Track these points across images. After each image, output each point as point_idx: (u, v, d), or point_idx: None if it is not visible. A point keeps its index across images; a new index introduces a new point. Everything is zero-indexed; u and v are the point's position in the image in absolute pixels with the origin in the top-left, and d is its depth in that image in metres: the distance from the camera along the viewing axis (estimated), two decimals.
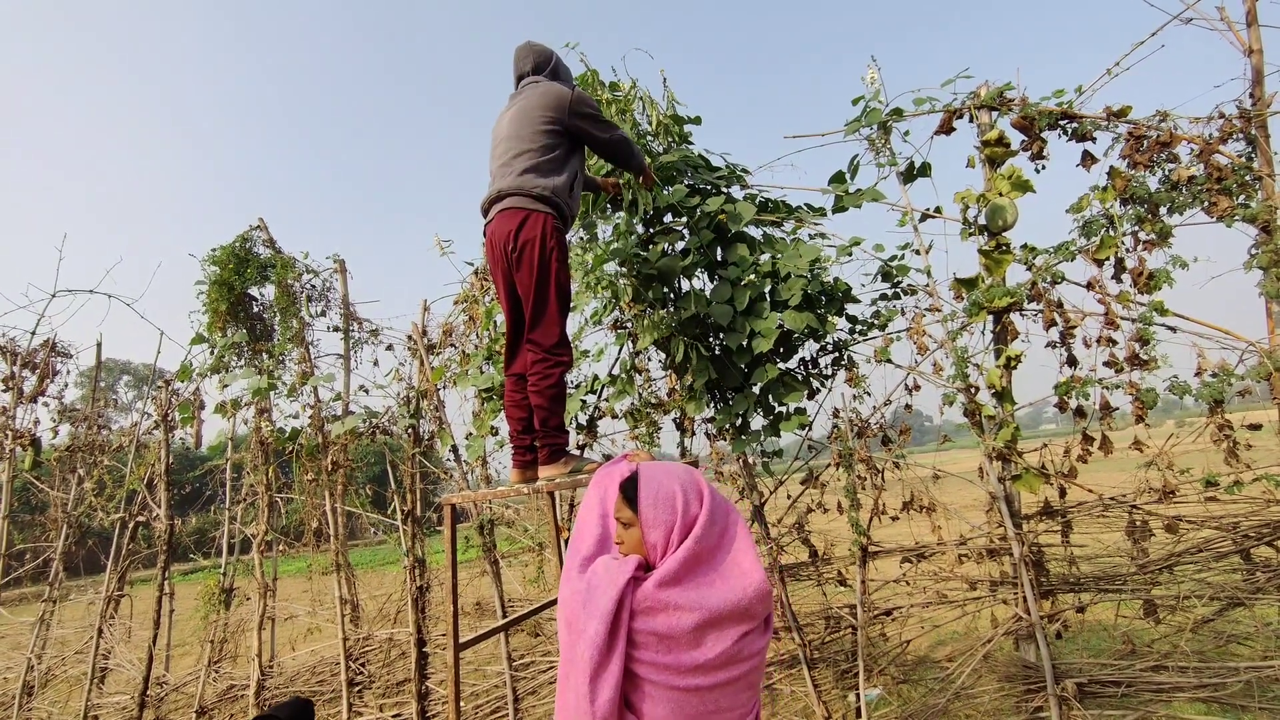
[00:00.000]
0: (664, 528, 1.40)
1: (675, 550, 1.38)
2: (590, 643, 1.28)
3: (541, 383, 2.22)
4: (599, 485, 1.83)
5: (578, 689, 1.29)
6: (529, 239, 2.21)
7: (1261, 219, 2.49)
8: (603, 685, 1.27)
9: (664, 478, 1.45)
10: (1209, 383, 2.45)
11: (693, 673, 1.29)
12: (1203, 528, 2.50)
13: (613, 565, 1.40)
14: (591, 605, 1.32)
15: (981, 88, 3.10)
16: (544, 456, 2.23)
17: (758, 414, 3.14)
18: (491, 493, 2.27)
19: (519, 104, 2.38)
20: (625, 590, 1.32)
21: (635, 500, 1.44)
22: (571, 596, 1.38)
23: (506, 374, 2.43)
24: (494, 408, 3.91)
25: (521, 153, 2.29)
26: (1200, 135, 2.72)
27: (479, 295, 4.37)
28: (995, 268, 2.83)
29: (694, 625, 1.29)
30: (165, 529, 5.31)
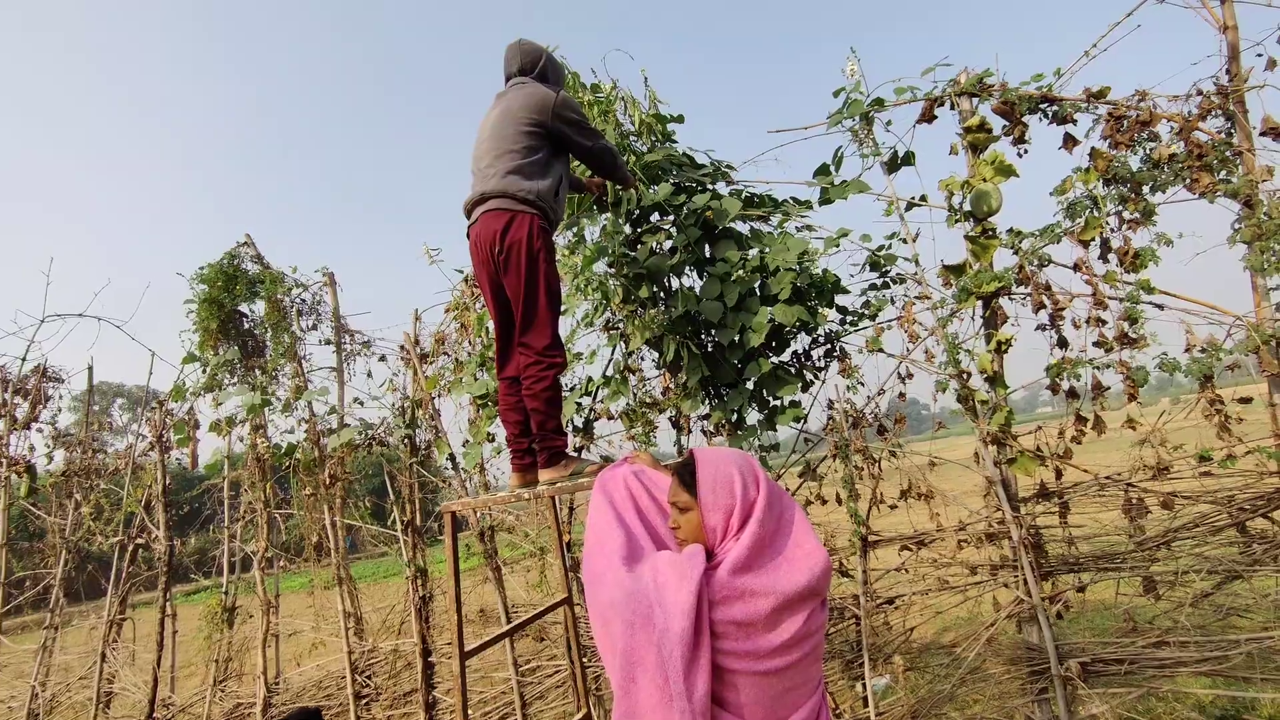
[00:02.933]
0: (723, 511, 1.42)
1: (737, 534, 1.41)
2: (679, 639, 1.29)
3: (535, 385, 2.21)
4: (604, 488, 1.83)
5: (661, 688, 1.30)
6: (515, 240, 2.21)
7: (1244, 193, 2.51)
8: (698, 680, 1.28)
9: (720, 461, 1.47)
10: (1198, 358, 2.46)
11: (771, 656, 1.32)
12: (1198, 503, 2.52)
13: (680, 560, 1.41)
14: (668, 602, 1.33)
15: (961, 75, 3.11)
16: (543, 460, 2.23)
17: (753, 409, 3.15)
18: (491, 499, 2.27)
19: (503, 105, 2.38)
20: (701, 582, 1.33)
21: (694, 484, 1.46)
22: (628, 597, 1.37)
23: (499, 378, 2.43)
24: (490, 414, 3.90)
25: (504, 153, 2.28)
26: (1179, 113, 2.73)
27: (470, 302, 4.37)
28: (982, 253, 2.84)
29: (770, 610, 1.32)
30: (165, 550, 5.29)
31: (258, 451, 4.70)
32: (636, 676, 1.37)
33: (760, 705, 1.34)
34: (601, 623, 1.46)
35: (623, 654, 1.38)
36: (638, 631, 1.36)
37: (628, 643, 1.37)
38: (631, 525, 1.72)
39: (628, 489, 1.85)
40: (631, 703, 1.37)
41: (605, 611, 1.44)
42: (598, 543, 1.65)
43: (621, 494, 1.84)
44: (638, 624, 1.36)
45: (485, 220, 2.24)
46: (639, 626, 1.36)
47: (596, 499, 1.81)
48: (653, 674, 1.34)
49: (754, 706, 1.33)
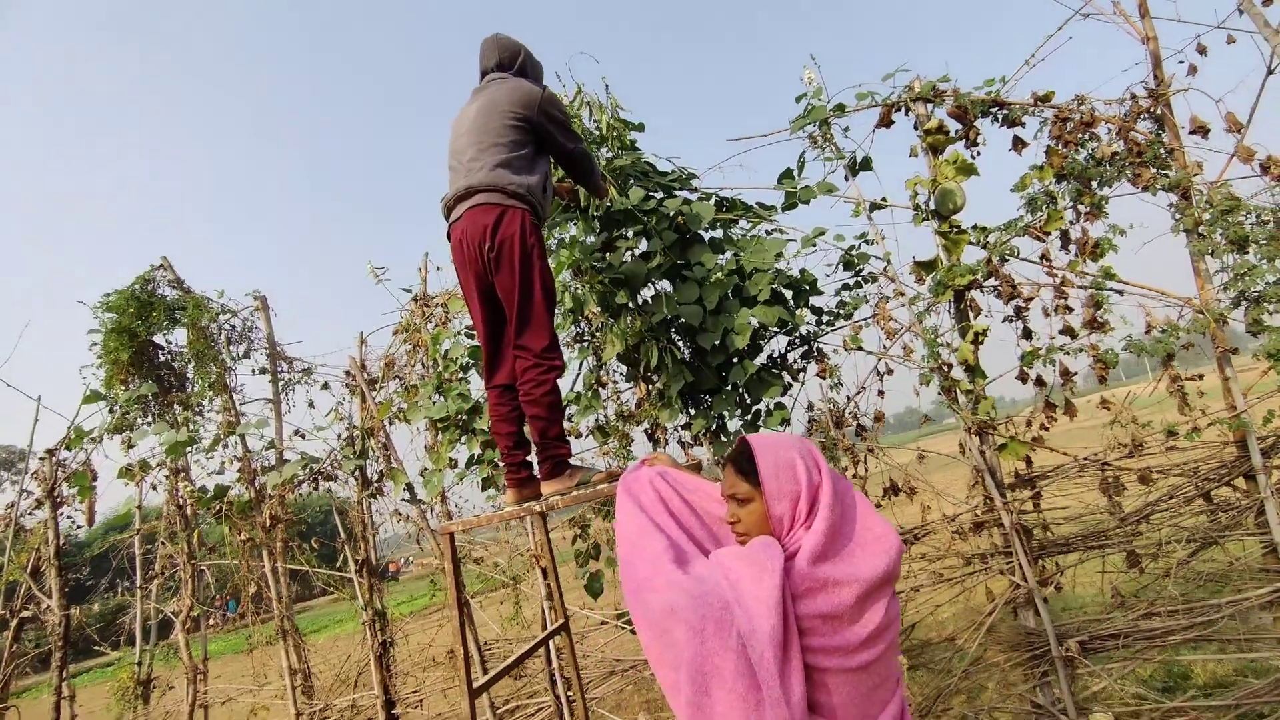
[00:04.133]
0: (789, 499, 1.31)
1: (806, 522, 1.30)
2: (770, 638, 1.15)
3: (536, 390, 2.06)
4: (629, 492, 1.69)
5: (744, 698, 1.16)
6: (507, 236, 2.06)
7: (1183, 186, 2.71)
8: (794, 681, 1.16)
9: (779, 446, 1.37)
10: (1159, 338, 2.61)
11: (859, 650, 1.21)
12: (1169, 475, 2.64)
13: (752, 553, 1.28)
14: (748, 599, 1.20)
15: (915, 82, 3.24)
16: (546, 471, 2.06)
17: (735, 414, 3.09)
18: (494, 515, 2.07)
19: (485, 98, 2.25)
20: (783, 574, 1.21)
21: (754, 472, 1.34)
22: (694, 600, 1.23)
23: (488, 387, 2.25)
24: (451, 437, 3.66)
25: (489, 146, 2.15)
26: (1116, 115, 2.94)
27: (421, 323, 4.12)
28: (954, 248, 2.93)
29: (855, 600, 1.21)
30: (59, 622, 4.62)
31: (178, 498, 4.20)
32: (711, 689, 1.23)
33: (853, 705, 1.23)
34: (657, 633, 1.32)
35: (691, 665, 1.24)
36: (709, 638, 1.23)
37: (697, 651, 1.23)
38: (668, 528, 1.59)
39: (655, 491, 1.72)
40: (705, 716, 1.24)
41: (663, 620, 1.30)
42: (634, 549, 1.51)
43: (649, 496, 1.71)
44: (709, 629, 1.23)
45: (473, 215, 2.09)
46: (710, 632, 1.23)
47: (623, 504, 1.67)
48: (731, 683, 1.21)
49: (847, 707, 1.23)
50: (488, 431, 3.67)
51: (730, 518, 1.41)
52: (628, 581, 1.44)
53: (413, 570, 18.80)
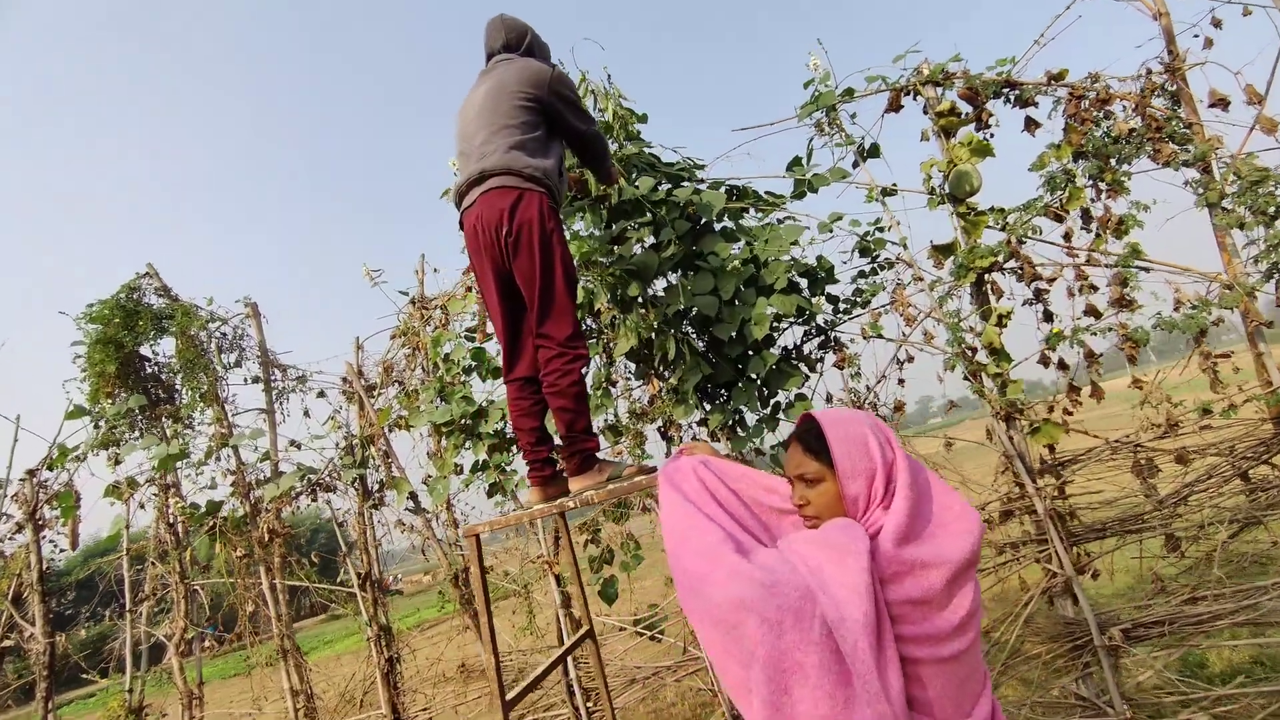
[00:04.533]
0: (864, 477, 1.21)
1: (884, 502, 1.20)
2: (864, 627, 1.05)
3: (561, 380, 1.94)
4: (672, 483, 1.58)
5: (831, 695, 1.05)
6: (526, 220, 1.96)
7: (1205, 159, 2.66)
8: (891, 674, 1.06)
9: (849, 422, 1.26)
10: (1190, 314, 2.55)
11: (950, 638, 1.11)
12: (1205, 455, 2.57)
13: (830, 536, 1.17)
14: (833, 585, 1.09)
15: (924, 65, 3.19)
16: (574, 466, 1.94)
17: (755, 408, 2.99)
18: (524, 514, 1.95)
19: (493, 80, 2.14)
20: (869, 558, 1.10)
21: (824, 450, 1.24)
22: (766, 590, 1.11)
23: (507, 381, 2.13)
24: (456, 442, 3.53)
25: (501, 128, 2.04)
26: (1131, 92, 2.90)
27: (419, 326, 3.99)
28: (973, 229, 2.86)
29: (945, 583, 1.11)
30: (44, 650, 4.40)
31: (168, 515, 4.02)
32: (791, 687, 1.12)
33: (948, 698, 1.13)
34: (724, 629, 1.20)
35: (768, 662, 1.12)
36: (787, 631, 1.12)
37: (774, 647, 1.12)
38: (718, 518, 1.48)
39: (699, 480, 1.61)
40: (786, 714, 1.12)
41: (730, 614, 1.18)
42: (685, 541, 1.39)
43: (694, 486, 1.60)
44: (787, 622, 1.12)
45: (488, 200, 1.98)
46: (789, 624, 1.12)
47: (668, 496, 1.55)
48: (816, 680, 1.10)
49: (942, 700, 1.12)
50: (494, 435, 3.54)
51: (798, 500, 1.30)
52: (681, 576, 1.32)
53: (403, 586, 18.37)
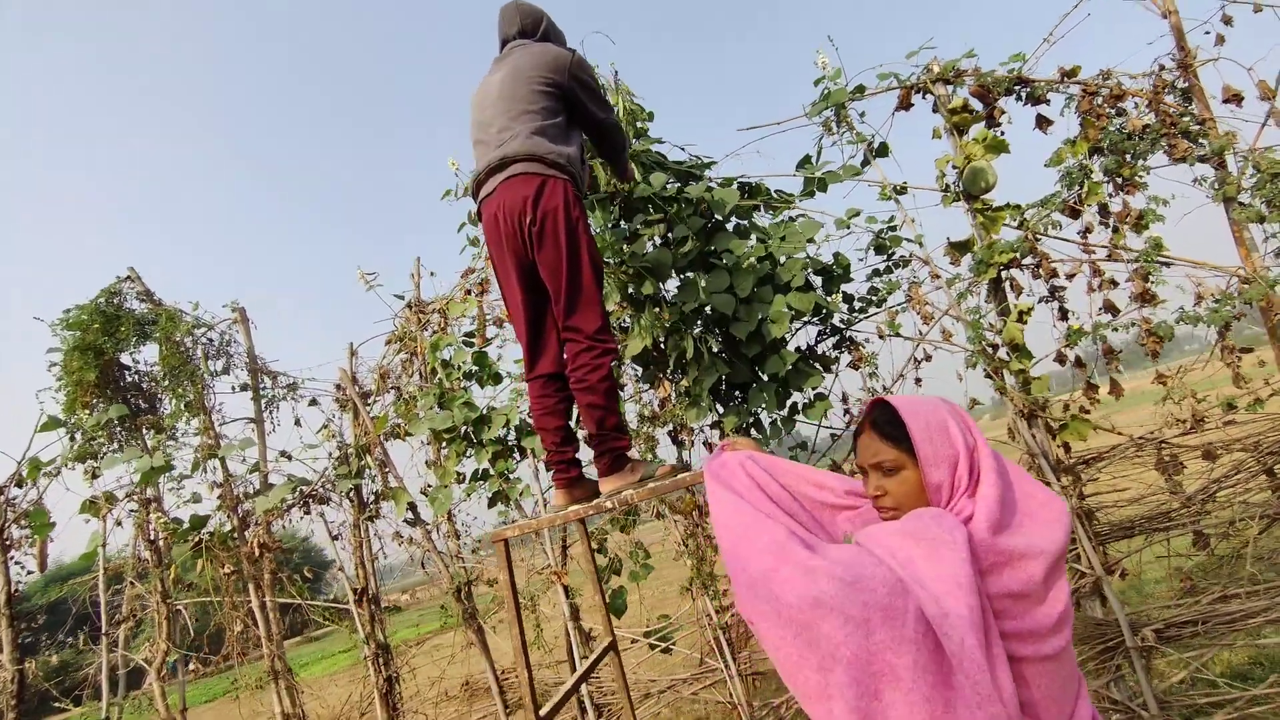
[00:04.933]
0: (947, 464, 1.12)
1: (969, 490, 1.11)
2: (970, 624, 0.96)
3: (591, 376, 1.84)
4: (719, 479, 1.48)
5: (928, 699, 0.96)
6: (551, 208, 1.86)
7: (1223, 154, 2.65)
8: (1001, 672, 0.97)
9: (928, 407, 1.18)
10: (1214, 308, 2.53)
11: (1051, 634, 1.03)
12: (1231, 451, 2.54)
13: (921, 526, 1.08)
14: (928, 578, 1.00)
15: (934, 63, 3.17)
16: (605, 466, 1.84)
17: (774, 408, 2.91)
18: (556, 517, 1.83)
19: (510, 65, 2.05)
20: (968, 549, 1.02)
21: (903, 436, 1.15)
22: (848, 587, 1.02)
23: (529, 378, 2.02)
24: (458, 450, 3.40)
25: (521, 114, 1.95)
26: (1144, 89, 2.90)
27: (417, 330, 3.86)
28: (991, 225, 2.83)
29: (1043, 575, 1.04)
30: (12, 678, 4.15)
31: (149, 531, 3.82)
32: (882, 691, 1.03)
33: (1052, 700, 1.05)
34: (794, 630, 1.10)
35: (854, 664, 1.03)
36: (876, 630, 1.02)
37: (861, 648, 1.02)
38: (777, 515, 1.39)
39: (749, 476, 1.52)
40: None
41: (804, 614, 1.08)
42: (743, 539, 1.29)
43: (744, 482, 1.51)
44: (875, 620, 1.02)
45: (510, 187, 1.88)
46: (878, 623, 1.02)
47: (717, 492, 1.46)
48: (910, 682, 1.01)
49: (1047, 702, 1.04)
50: (497, 442, 3.42)
51: (874, 491, 1.21)
52: (742, 575, 1.22)
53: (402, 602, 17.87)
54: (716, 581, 3.04)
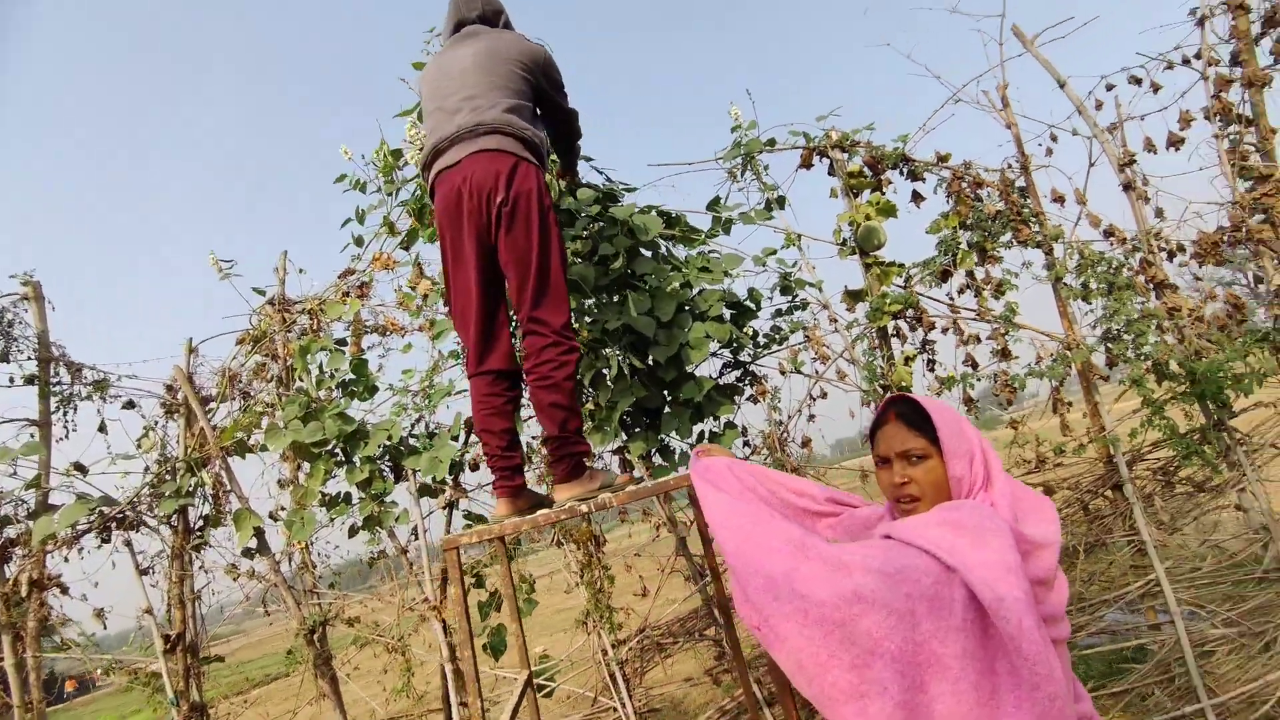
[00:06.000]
0: (966, 458, 1.16)
1: (984, 485, 1.15)
2: (1026, 606, 0.95)
3: (557, 373, 1.70)
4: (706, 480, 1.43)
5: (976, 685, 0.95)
6: (525, 190, 1.73)
7: (1054, 242, 3.21)
8: (1052, 656, 0.97)
9: (944, 405, 1.24)
10: (1051, 366, 3.00)
11: (1061, 619, 1.12)
12: (1061, 489, 2.99)
13: (960, 516, 1.08)
14: (981, 569, 1.00)
15: (833, 130, 3.52)
16: (564, 471, 1.68)
17: (686, 434, 2.91)
18: (532, 519, 1.62)
19: (484, 44, 1.92)
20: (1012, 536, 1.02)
21: (929, 427, 1.17)
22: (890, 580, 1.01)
23: (477, 373, 1.82)
24: (326, 467, 2.96)
25: (498, 88, 1.83)
26: (996, 182, 3.45)
27: (280, 330, 3.37)
28: (885, 278, 3.14)
29: (1054, 563, 1.09)
30: None
31: None
32: (928, 683, 1.02)
33: (1069, 683, 1.11)
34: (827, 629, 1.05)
35: (898, 657, 1.01)
36: (922, 620, 1.02)
37: (906, 639, 1.01)
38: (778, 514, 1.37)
39: (738, 480, 1.49)
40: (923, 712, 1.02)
41: (839, 610, 1.05)
42: (750, 539, 1.24)
43: (735, 485, 1.47)
44: (920, 610, 1.02)
45: (480, 162, 1.72)
46: (924, 613, 1.02)
47: (711, 495, 1.39)
48: (958, 671, 1.01)
49: (1067, 682, 1.09)
50: (374, 461, 3.04)
51: (899, 479, 1.23)
52: (753, 578, 1.16)
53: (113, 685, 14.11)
54: (614, 614, 2.90)
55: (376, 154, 3.31)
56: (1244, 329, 3.03)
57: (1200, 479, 3.03)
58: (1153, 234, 3.22)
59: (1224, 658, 2.77)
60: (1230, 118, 3.14)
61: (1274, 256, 3.07)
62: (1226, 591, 2.91)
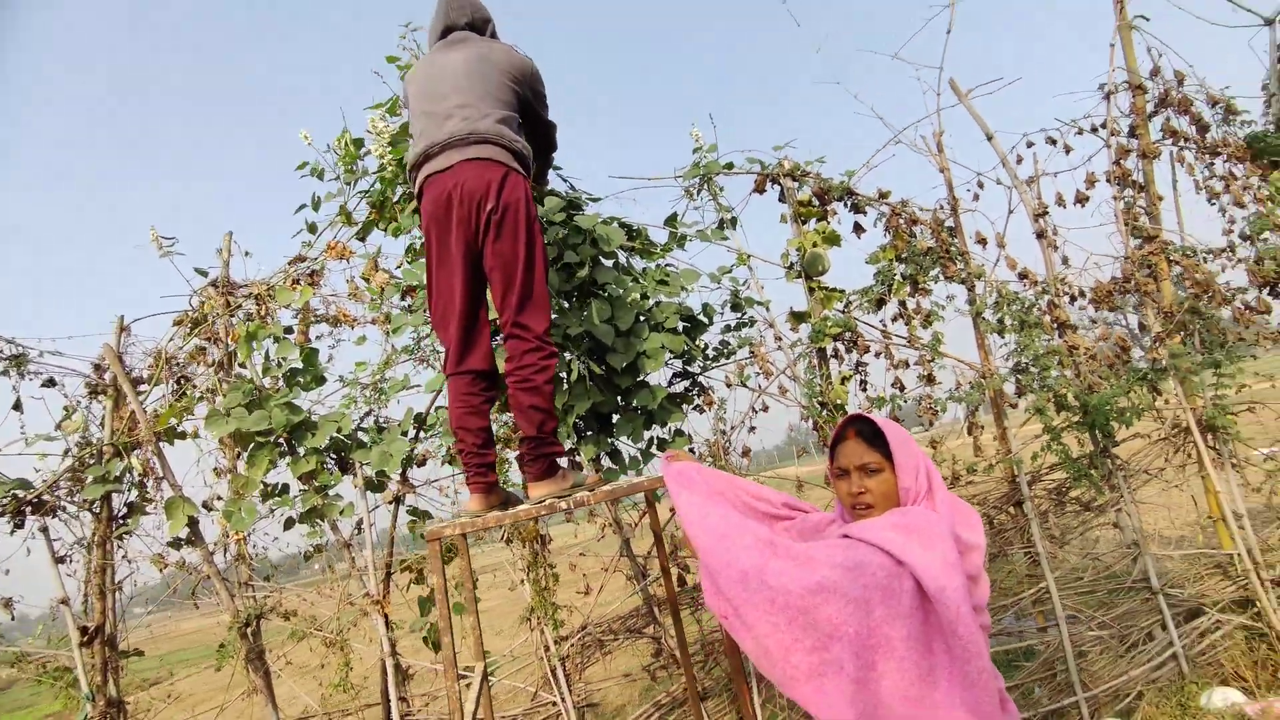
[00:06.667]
0: (912, 471, 1.33)
1: (928, 494, 1.33)
2: (964, 595, 1.13)
3: (538, 376, 1.78)
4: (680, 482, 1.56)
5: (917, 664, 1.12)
6: (514, 200, 1.81)
7: (977, 280, 3.54)
8: (981, 637, 1.17)
9: (896, 426, 1.41)
10: (968, 393, 3.31)
11: (984, 610, 1.28)
12: (971, 504, 3.29)
13: (909, 521, 1.25)
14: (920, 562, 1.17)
15: (785, 160, 3.74)
16: (538, 471, 1.76)
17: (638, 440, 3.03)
18: (511, 514, 1.68)
19: (474, 51, 1.97)
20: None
21: (884, 444, 1.34)
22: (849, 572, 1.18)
23: (456, 372, 1.87)
24: (270, 454, 2.89)
25: (491, 98, 1.90)
26: (929, 221, 3.76)
27: (222, 314, 3.26)
28: (827, 302, 3.37)
29: (981, 562, 1.29)
30: None
31: None
32: (877, 662, 1.19)
33: (990, 660, 1.30)
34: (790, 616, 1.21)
35: (855, 640, 1.18)
36: (876, 607, 1.19)
37: (861, 625, 1.19)
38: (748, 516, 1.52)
39: (708, 484, 1.62)
40: (870, 695, 1.18)
41: (804, 599, 1.21)
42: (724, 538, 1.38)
43: (705, 489, 1.61)
44: (875, 599, 1.19)
45: (473, 169, 1.78)
46: (878, 601, 1.19)
47: (684, 496, 1.53)
48: (903, 652, 1.19)
49: (992, 664, 1.29)
50: (320, 452, 3.00)
51: (857, 489, 1.40)
52: (728, 570, 1.30)
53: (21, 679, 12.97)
54: (558, 611, 2.99)
55: (338, 142, 3.27)
56: (1128, 368, 3.45)
57: (1087, 499, 3.41)
58: (1059, 279, 3.61)
59: (1096, 657, 3.15)
60: (1126, 183, 3.57)
61: (1155, 307, 3.51)
62: (1101, 599, 3.30)
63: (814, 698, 1.20)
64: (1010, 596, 3.22)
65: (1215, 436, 3.41)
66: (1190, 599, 3.30)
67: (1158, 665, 3.15)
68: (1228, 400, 3.40)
